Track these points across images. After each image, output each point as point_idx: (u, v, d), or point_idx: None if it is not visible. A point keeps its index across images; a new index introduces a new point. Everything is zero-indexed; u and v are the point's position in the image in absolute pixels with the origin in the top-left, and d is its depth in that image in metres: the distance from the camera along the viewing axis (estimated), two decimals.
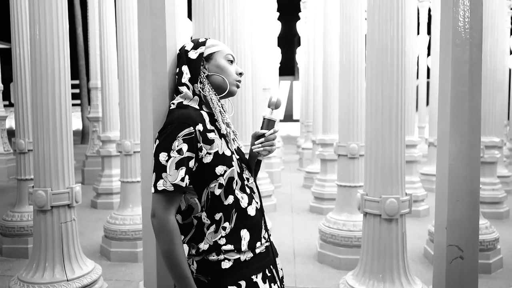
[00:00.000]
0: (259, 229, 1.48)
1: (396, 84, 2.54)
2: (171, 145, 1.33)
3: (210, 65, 1.49)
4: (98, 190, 6.14)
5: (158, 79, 1.49)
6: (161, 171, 1.32)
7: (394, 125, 2.56)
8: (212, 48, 1.49)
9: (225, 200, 1.41)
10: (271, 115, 1.51)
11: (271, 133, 1.50)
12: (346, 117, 4.01)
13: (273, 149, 1.51)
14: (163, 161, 1.32)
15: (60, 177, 2.75)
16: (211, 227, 1.40)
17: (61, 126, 2.74)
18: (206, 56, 1.48)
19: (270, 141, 1.49)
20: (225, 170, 1.40)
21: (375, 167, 2.62)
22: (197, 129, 1.37)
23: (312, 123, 8.74)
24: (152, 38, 1.49)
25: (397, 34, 2.53)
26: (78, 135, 17.53)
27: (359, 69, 3.94)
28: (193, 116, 1.39)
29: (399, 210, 2.57)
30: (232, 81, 1.49)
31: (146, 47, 1.50)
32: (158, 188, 1.31)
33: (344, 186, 4.08)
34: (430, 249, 4.07)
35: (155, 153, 1.35)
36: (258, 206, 1.51)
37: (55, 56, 2.70)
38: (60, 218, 2.76)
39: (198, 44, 1.50)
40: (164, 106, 1.50)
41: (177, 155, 1.32)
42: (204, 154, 1.37)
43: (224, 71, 1.48)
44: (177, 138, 1.33)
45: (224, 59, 1.49)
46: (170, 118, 1.39)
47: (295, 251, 4.39)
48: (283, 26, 11.43)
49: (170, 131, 1.34)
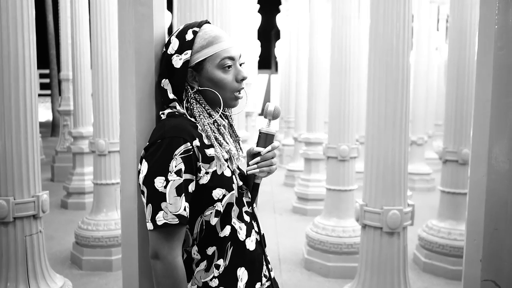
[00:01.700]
0: (259, 266, 1.23)
1: (401, 86, 2.33)
2: (168, 166, 1.06)
3: (201, 77, 1.19)
4: (69, 189, 5.76)
5: (143, 81, 1.22)
6: (160, 201, 1.05)
7: (398, 130, 2.35)
8: (202, 52, 1.17)
9: (221, 231, 1.15)
10: (268, 128, 1.23)
11: (269, 150, 1.22)
12: (337, 117, 3.80)
13: (273, 169, 1.24)
14: (161, 188, 1.05)
15: (25, 184, 2.42)
16: (202, 264, 1.15)
17: (26, 125, 2.41)
18: (195, 66, 1.18)
19: (268, 159, 1.22)
20: (224, 194, 1.14)
21: (376, 176, 2.42)
22: (195, 145, 1.11)
23: (294, 119, 8.54)
24: (136, 30, 1.21)
25: (403, 31, 2.31)
26: (48, 127, 16.81)
27: (352, 67, 3.73)
28: (189, 129, 1.12)
29: (402, 222, 2.38)
30: (229, 96, 1.20)
31: (128, 41, 1.22)
32: (158, 223, 1.05)
33: (333, 190, 3.88)
34: (419, 254, 3.93)
35: (147, 178, 1.07)
36: (258, 238, 1.26)
37: (19, 46, 2.36)
38: (25, 230, 2.44)
39: (184, 44, 1.17)
40: (151, 113, 1.23)
41: (176, 177, 1.06)
42: (202, 174, 1.12)
43: (218, 85, 1.18)
44: (174, 157, 1.07)
45: (218, 67, 1.17)
46: (160, 132, 1.11)
47: (280, 256, 4.17)
48: (262, 18, 11.15)
49: (164, 149, 1.07)
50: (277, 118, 1.22)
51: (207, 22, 1.24)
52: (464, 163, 3.72)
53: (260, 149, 1.22)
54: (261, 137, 1.23)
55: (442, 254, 3.74)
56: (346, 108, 3.75)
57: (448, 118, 3.80)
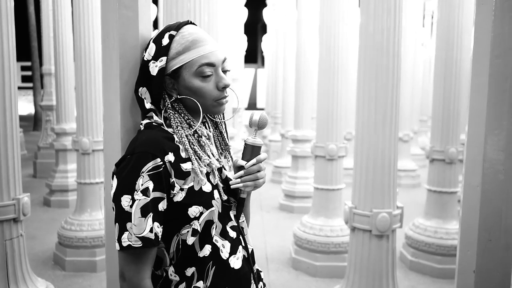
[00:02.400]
0: (246, 285, 1.16)
1: (391, 86, 2.31)
2: (134, 184, 1.00)
3: (179, 85, 1.11)
4: (51, 186, 5.64)
5: (129, 88, 1.16)
6: (126, 220, 0.99)
7: (388, 132, 2.33)
8: (177, 59, 1.08)
9: (200, 251, 1.08)
10: (254, 139, 1.14)
11: (253, 163, 1.12)
12: (325, 116, 3.77)
13: (260, 184, 1.14)
14: (127, 207, 0.99)
15: (4, 186, 2.33)
16: (180, 286, 1.09)
17: (5, 122, 2.31)
18: (171, 73, 1.10)
19: (252, 173, 1.13)
20: (201, 212, 1.07)
21: (365, 178, 2.39)
22: (167, 160, 1.04)
23: (280, 115, 8.50)
24: (121, 34, 1.15)
25: (393, 29, 2.28)
26: (30, 120, 16.47)
27: (341, 65, 3.69)
28: (161, 143, 1.05)
29: (391, 225, 2.37)
30: (210, 104, 1.12)
31: (112, 46, 1.15)
32: (123, 244, 0.99)
33: (321, 189, 3.86)
34: (406, 253, 3.95)
35: (115, 196, 1.01)
36: (246, 254, 1.18)
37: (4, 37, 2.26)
38: (4, 234, 2.35)
39: (160, 49, 1.09)
40: (136, 121, 1.18)
41: (141, 197, 0.99)
42: (176, 191, 1.05)
43: (197, 93, 1.10)
44: (141, 175, 1.00)
45: (196, 74, 1.09)
46: (131, 146, 1.05)
47: (268, 255, 4.15)
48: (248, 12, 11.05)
49: (131, 165, 1.01)
50: (263, 128, 1.14)
51: (190, 23, 1.15)
52: (451, 162, 3.74)
53: (243, 162, 1.13)
54: (246, 149, 1.14)
55: (428, 252, 3.75)
56: (335, 107, 3.72)
57: (435, 117, 3.80)
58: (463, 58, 3.71)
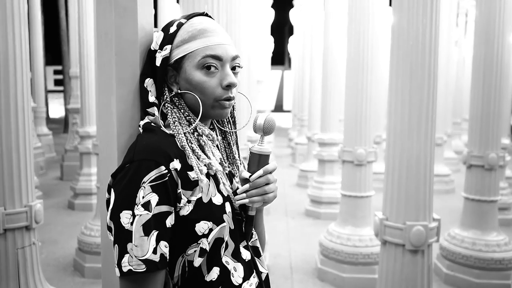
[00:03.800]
0: None
1: (427, 86, 2.09)
2: (134, 196, 0.85)
3: (180, 78, 0.98)
4: (76, 190, 5.62)
5: (126, 89, 1.01)
6: (126, 241, 0.84)
7: (423, 136, 2.11)
8: (181, 48, 0.95)
9: (207, 274, 0.93)
10: (261, 146, 0.97)
11: (260, 175, 0.96)
12: (353, 118, 3.56)
13: (270, 198, 0.98)
14: (127, 224, 0.84)
15: (16, 193, 2.26)
16: None
17: (17, 129, 2.24)
18: (174, 64, 0.97)
19: (259, 187, 0.96)
20: (210, 228, 0.91)
21: (398, 187, 2.18)
22: (172, 168, 0.89)
23: (307, 118, 8.30)
24: (117, 27, 1.00)
25: (430, 23, 2.07)
26: (61, 123, 16.82)
27: (370, 63, 3.48)
28: (165, 147, 0.90)
29: (427, 239, 2.14)
30: (210, 103, 0.96)
31: (107, 41, 1.01)
32: (124, 269, 0.84)
33: (348, 196, 3.64)
34: (441, 265, 3.68)
35: (113, 213, 0.86)
36: (259, 280, 1.01)
37: (10, 45, 2.18)
38: (16, 243, 2.27)
39: (166, 38, 0.97)
40: (134, 128, 1.03)
41: (143, 211, 0.84)
42: (183, 204, 0.90)
43: (197, 88, 0.95)
44: (142, 186, 0.85)
45: (198, 66, 0.95)
46: (130, 153, 0.91)
47: (292, 265, 3.96)
48: (275, 14, 10.90)
49: (130, 176, 0.86)
50: (270, 133, 0.96)
51: (204, 15, 1.02)
52: (491, 168, 3.46)
53: (248, 174, 0.96)
54: (252, 159, 0.97)
55: (465, 265, 3.48)
56: (364, 108, 3.51)
57: (473, 119, 3.53)
58: (504, 55, 3.43)
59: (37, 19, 8.24)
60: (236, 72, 1.00)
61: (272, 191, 0.99)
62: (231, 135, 1.07)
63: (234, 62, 0.99)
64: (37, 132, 8.62)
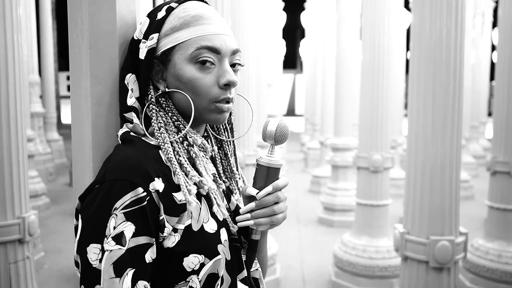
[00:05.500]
0: None
1: (453, 86, 1.90)
2: (104, 227, 0.68)
3: (169, 73, 0.79)
4: None
5: (102, 88, 0.85)
6: (94, 282, 0.67)
7: (448, 142, 1.91)
8: (171, 36, 0.78)
9: None
10: (270, 157, 0.80)
11: (269, 191, 0.79)
12: (369, 123, 3.36)
13: (279, 220, 0.80)
14: (95, 262, 0.67)
15: (8, 204, 2.11)
16: None
17: (9, 134, 2.10)
18: (161, 56, 0.79)
19: (268, 206, 0.79)
20: (202, 262, 0.74)
21: (420, 198, 1.98)
22: (152, 189, 0.71)
23: (319, 122, 8.11)
24: (92, 15, 0.84)
25: (455, 21, 1.87)
26: None
27: (386, 67, 3.29)
28: (143, 164, 0.72)
29: (453, 256, 1.94)
30: (204, 106, 0.78)
31: (80, 32, 0.85)
32: None
33: (364, 205, 3.44)
34: (464, 278, 3.45)
35: (79, 246, 0.69)
36: None
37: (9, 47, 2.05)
38: (8, 257, 2.12)
39: (152, 25, 0.79)
40: (113, 137, 0.86)
41: (114, 246, 0.67)
42: (167, 233, 0.72)
43: (188, 86, 0.77)
44: (113, 213, 0.68)
45: (191, 60, 0.77)
46: (101, 171, 0.73)
47: (305, 277, 3.76)
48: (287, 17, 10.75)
49: (99, 201, 0.69)
50: (282, 142, 0.79)
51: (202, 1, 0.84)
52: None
53: (254, 191, 0.80)
54: (259, 172, 0.80)
55: (491, 279, 3.25)
56: (380, 112, 3.31)
57: (497, 122, 3.31)
58: None
59: (48, 25, 8.19)
60: (236, 70, 0.82)
61: (282, 211, 0.82)
62: (228, 144, 0.90)
63: (234, 58, 0.81)
64: (47, 137, 8.56)
